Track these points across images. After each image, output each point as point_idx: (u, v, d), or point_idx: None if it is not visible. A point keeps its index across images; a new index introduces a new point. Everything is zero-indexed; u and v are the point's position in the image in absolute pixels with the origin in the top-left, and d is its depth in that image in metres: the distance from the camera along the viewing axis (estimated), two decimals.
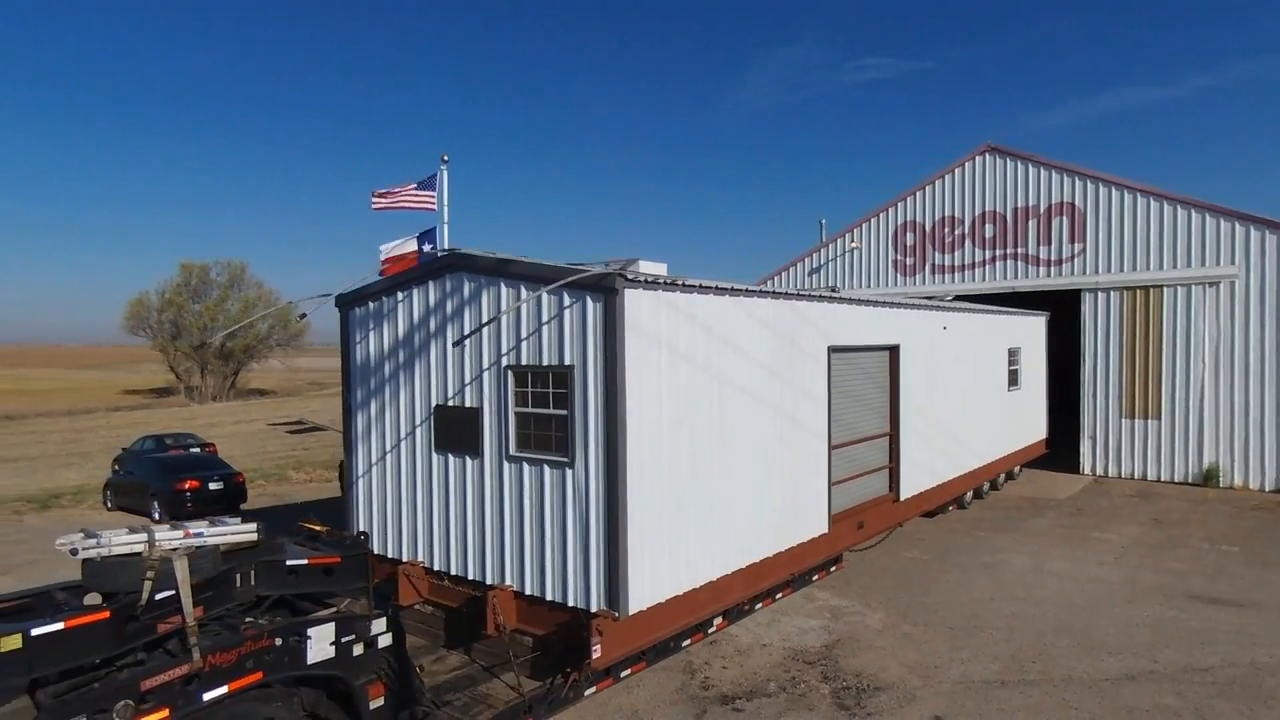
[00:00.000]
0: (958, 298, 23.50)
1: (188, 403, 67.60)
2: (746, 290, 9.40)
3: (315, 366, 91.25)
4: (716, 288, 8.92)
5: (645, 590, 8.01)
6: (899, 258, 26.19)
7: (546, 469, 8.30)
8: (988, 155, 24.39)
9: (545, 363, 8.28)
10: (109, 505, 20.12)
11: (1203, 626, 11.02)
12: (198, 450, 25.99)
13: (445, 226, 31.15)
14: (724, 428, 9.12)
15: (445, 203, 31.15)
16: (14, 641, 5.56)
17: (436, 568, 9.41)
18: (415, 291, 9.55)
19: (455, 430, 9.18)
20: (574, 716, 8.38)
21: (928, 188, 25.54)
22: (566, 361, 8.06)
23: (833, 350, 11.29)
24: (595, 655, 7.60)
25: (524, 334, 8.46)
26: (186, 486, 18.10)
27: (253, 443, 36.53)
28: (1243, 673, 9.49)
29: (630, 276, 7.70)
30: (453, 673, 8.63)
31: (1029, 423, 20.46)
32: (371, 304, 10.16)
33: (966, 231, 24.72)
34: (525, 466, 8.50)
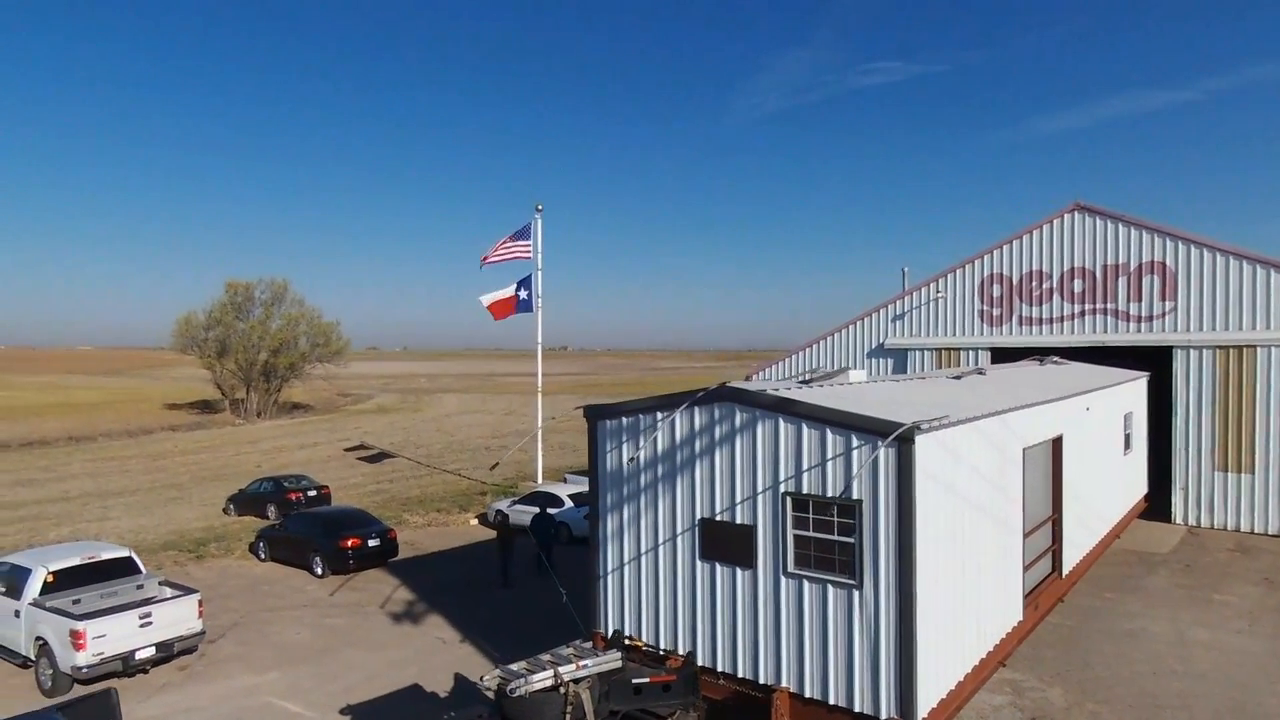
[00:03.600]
0: (1040, 350, 24.57)
1: (237, 420, 68.88)
2: (982, 415, 10.49)
3: (338, 373, 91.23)
4: (962, 420, 10.00)
5: (930, 694, 9.12)
6: (985, 308, 27.23)
7: (830, 588, 9.40)
8: (1076, 214, 25.44)
9: (829, 494, 9.37)
10: (262, 556, 21.24)
11: None
12: (314, 492, 27.13)
13: (539, 274, 32.22)
14: (967, 540, 10.21)
15: (539, 249, 32.28)
16: None
17: (701, 663, 10.48)
18: (679, 414, 10.62)
19: (723, 542, 10.27)
20: None
21: (1015, 242, 26.59)
22: (855, 496, 9.15)
23: (1026, 449, 12.38)
24: None
25: (805, 465, 9.55)
26: (349, 544, 19.22)
27: (331, 472, 37.67)
28: None
29: (924, 425, 8.78)
30: None
31: (1138, 482, 21.52)
32: (625, 419, 11.24)
33: (1055, 285, 25.76)
34: (806, 584, 9.60)
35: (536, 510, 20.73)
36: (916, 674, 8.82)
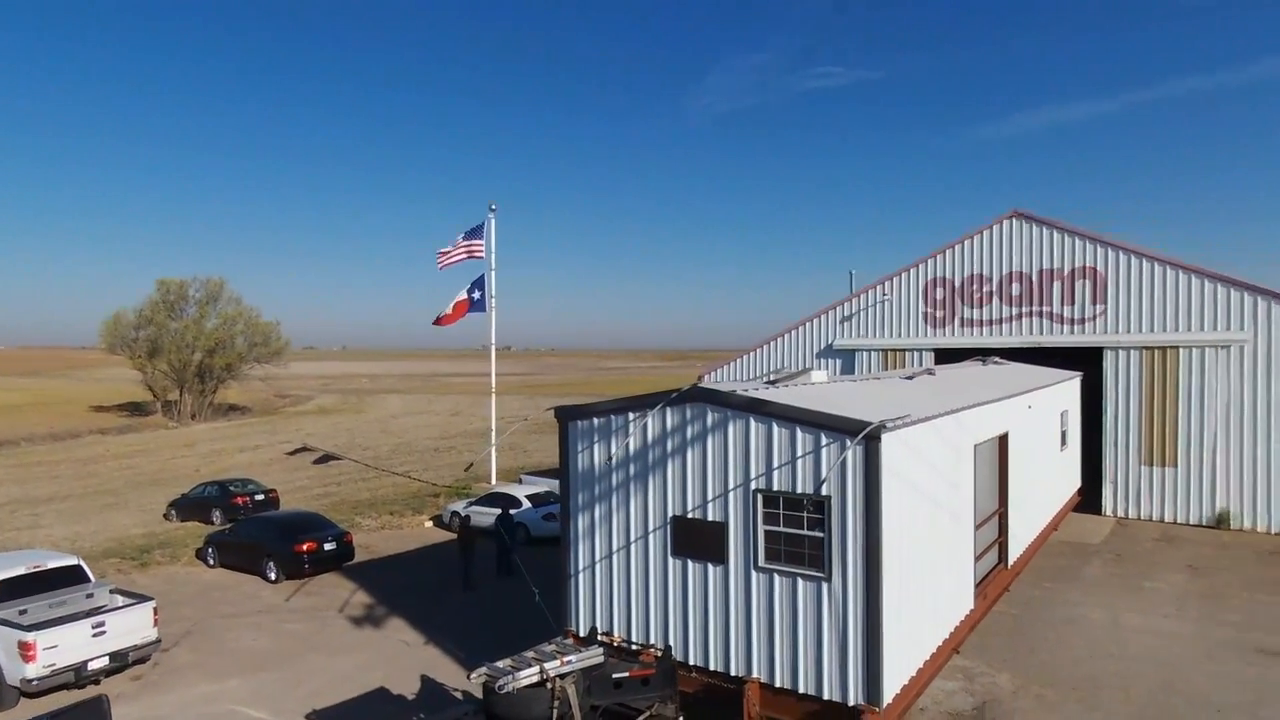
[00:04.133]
0: (981, 351, 25.60)
1: (171, 423, 66.51)
2: (939, 414, 11.00)
3: (276, 374, 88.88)
4: (922, 419, 10.49)
5: (894, 681, 9.55)
6: (929, 310, 28.22)
7: (800, 581, 9.76)
8: (1014, 220, 26.58)
9: (799, 490, 9.73)
10: (211, 562, 20.69)
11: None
12: (262, 496, 26.53)
13: (493, 274, 32.08)
14: (926, 534, 10.71)
15: (493, 249, 32.14)
16: None
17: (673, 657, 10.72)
18: (651, 414, 10.86)
19: (695, 539, 10.55)
20: None
21: (957, 246, 27.62)
22: (824, 492, 9.52)
23: (976, 445, 12.99)
24: None
25: (776, 463, 9.89)
26: (305, 549, 18.90)
27: (275, 476, 36.79)
28: None
29: (889, 424, 9.20)
30: None
31: (1073, 476, 22.62)
32: (597, 419, 11.43)
33: (994, 289, 26.86)
34: (776, 577, 9.94)
35: (497, 511, 20.72)
36: (882, 662, 9.23)
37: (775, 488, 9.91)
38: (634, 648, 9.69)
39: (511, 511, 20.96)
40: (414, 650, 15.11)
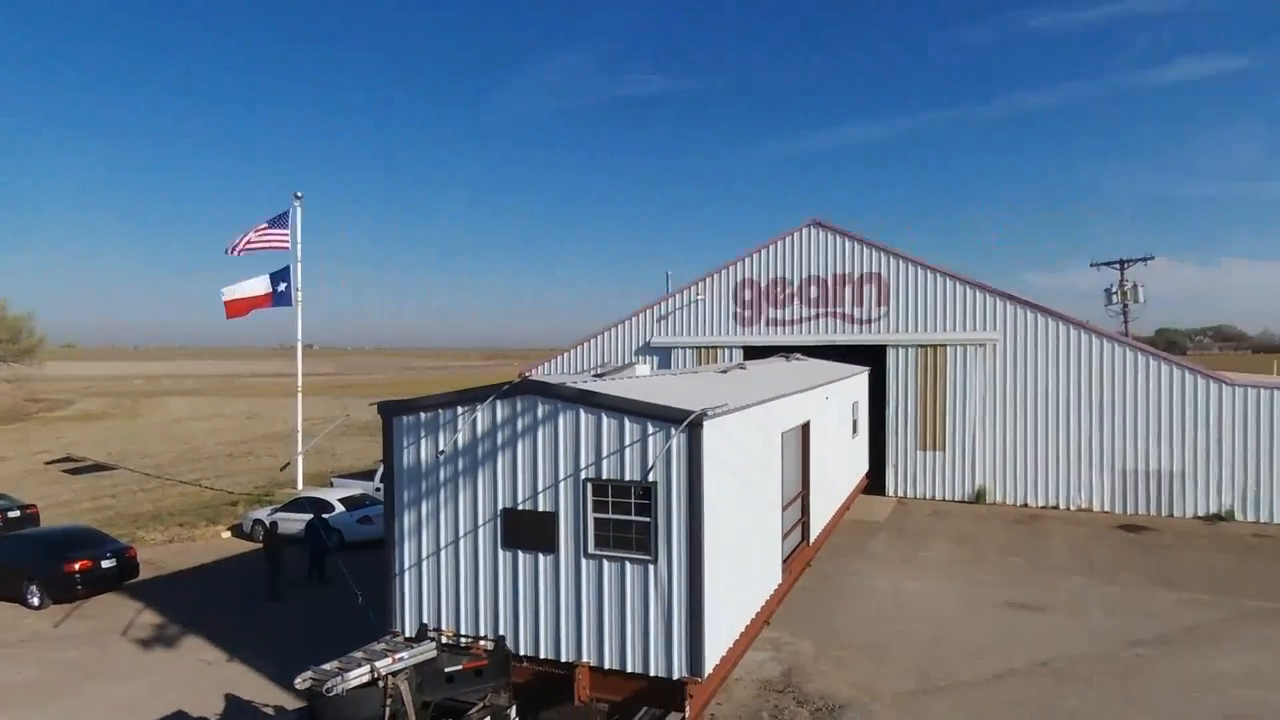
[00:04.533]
0: (785, 348, 27.71)
1: None
2: (752, 404, 11.87)
3: (29, 375, 77.56)
4: (739, 408, 11.28)
5: (715, 653, 10.21)
6: (738, 310, 30.04)
7: (628, 565, 10.17)
8: (812, 229, 28.95)
9: (627, 478, 10.14)
10: None
11: (1027, 629, 15.27)
12: (17, 513, 23.25)
13: (299, 265, 30.38)
14: (742, 515, 11.52)
15: (299, 240, 30.40)
16: None
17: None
18: (480, 408, 10.84)
19: (526, 530, 10.67)
20: None
21: (763, 251, 29.63)
22: (650, 479, 10.00)
23: (783, 433, 14.11)
24: (688, 712, 9.66)
25: (605, 452, 10.24)
26: (77, 568, 16.80)
27: (31, 490, 32.25)
28: (1067, 664, 13.65)
29: (710, 413, 9.83)
30: None
31: (862, 461, 25.01)
32: (424, 414, 11.22)
33: (795, 291, 29.11)
34: (605, 563, 10.29)
35: (308, 517, 19.56)
36: (704, 636, 9.86)
37: (604, 476, 10.26)
38: (465, 642, 9.63)
39: (325, 515, 19.87)
40: (216, 669, 13.98)
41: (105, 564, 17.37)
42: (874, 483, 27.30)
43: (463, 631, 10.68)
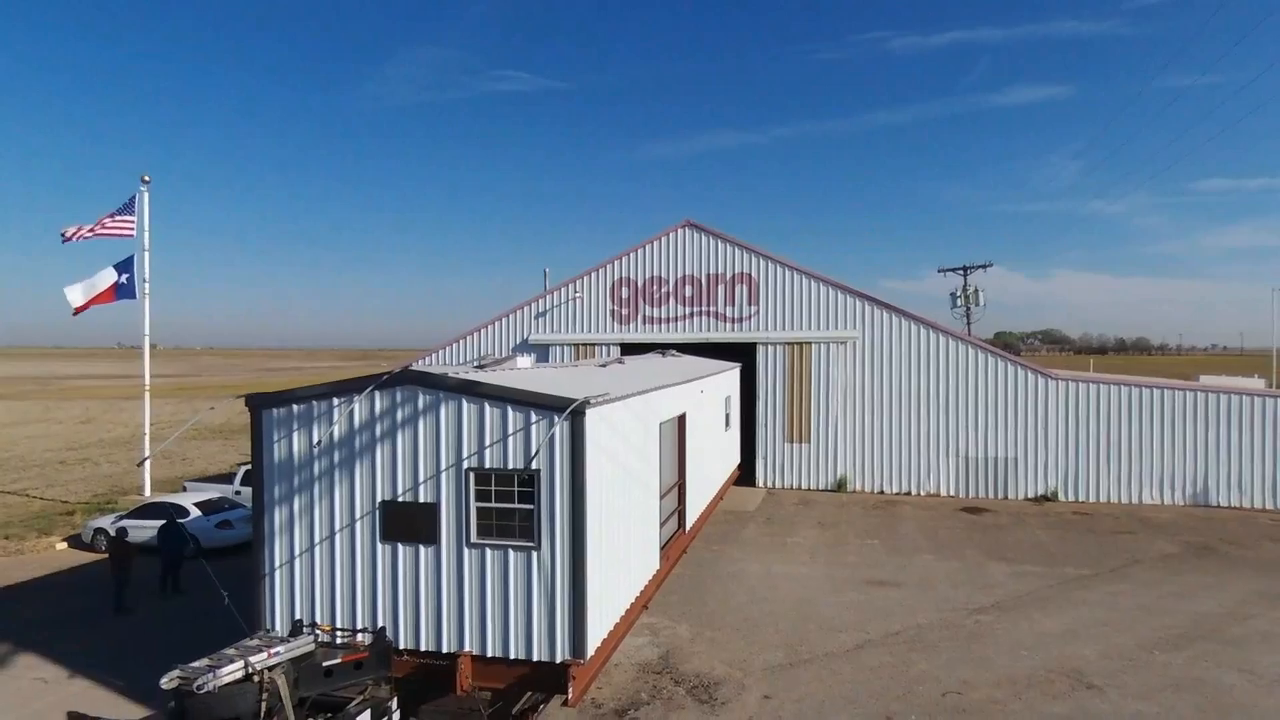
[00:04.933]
0: (661, 345, 28.43)
1: None
2: (632, 394, 12.22)
3: None
4: (620, 397, 11.61)
5: (597, 636, 10.47)
6: (615, 308, 30.50)
7: (511, 552, 10.26)
8: (687, 229, 29.82)
9: (511, 466, 10.24)
10: None
11: (883, 604, 16.47)
12: None
13: (147, 254, 28.58)
14: (622, 498, 11.84)
15: (146, 227, 28.62)
16: None
17: None
18: (358, 399, 10.62)
19: (406, 522, 10.55)
20: None
21: (639, 250, 30.23)
22: (534, 466, 10.14)
23: (661, 424, 14.57)
24: (570, 693, 9.88)
25: (488, 441, 10.29)
26: None
27: None
28: (917, 632, 14.85)
29: (592, 401, 10.09)
30: None
31: (735, 454, 26.00)
32: (297, 406, 10.85)
33: (671, 290, 29.89)
34: (488, 551, 10.34)
35: (161, 523, 18.27)
36: (586, 619, 10.10)
37: (488, 465, 10.31)
38: (342, 637, 9.41)
39: (180, 520, 18.63)
40: (55, 686, 12.88)
41: None
42: (745, 474, 28.44)
43: (340, 626, 10.43)
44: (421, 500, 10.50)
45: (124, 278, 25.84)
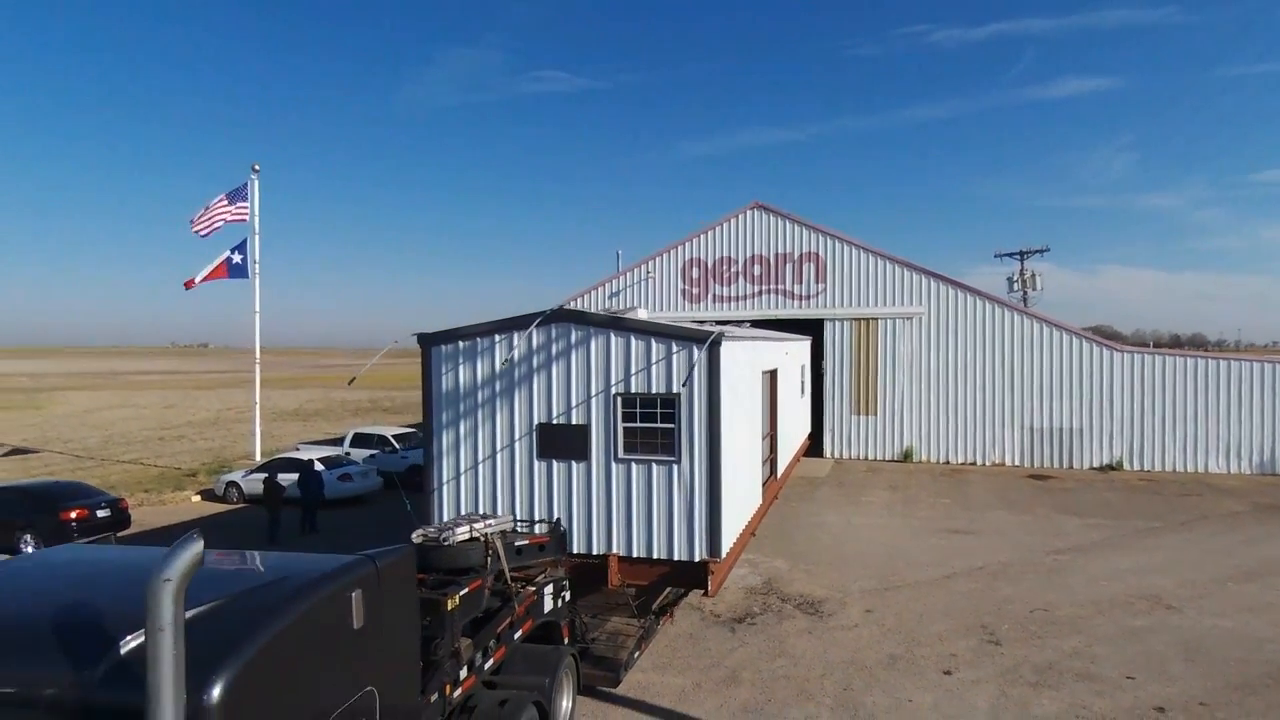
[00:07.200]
0: (732, 321, 29.78)
1: None
2: (746, 337, 13.67)
3: None
4: (741, 337, 13.06)
5: (727, 541, 11.94)
6: (686, 287, 31.96)
7: (654, 466, 11.78)
8: (756, 211, 31.15)
9: (654, 390, 11.75)
10: None
11: (963, 546, 17.67)
12: None
13: (257, 238, 30.85)
14: (740, 427, 13.30)
15: (256, 213, 30.91)
16: (454, 601, 7.89)
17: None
18: (516, 335, 12.22)
19: (560, 441, 12.13)
20: (657, 641, 11.94)
21: (710, 232, 31.64)
22: (675, 390, 11.64)
23: (763, 372, 16.00)
24: (710, 586, 11.36)
25: (634, 370, 11.82)
26: (74, 516, 17.06)
27: None
28: (999, 568, 16.04)
29: (726, 335, 11.55)
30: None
31: (806, 421, 27.29)
32: (462, 342, 12.50)
33: (740, 269, 31.24)
34: (633, 465, 11.87)
35: (293, 476, 20.24)
36: (721, 523, 11.57)
37: (632, 390, 11.83)
38: (521, 527, 10.92)
39: (319, 469, 20.60)
40: None
41: (100, 513, 17.65)
42: (813, 445, 29.67)
43: (521, 518, 12.00)
44: (574, 422, 12.06)
45: (238, 257, 28.01)
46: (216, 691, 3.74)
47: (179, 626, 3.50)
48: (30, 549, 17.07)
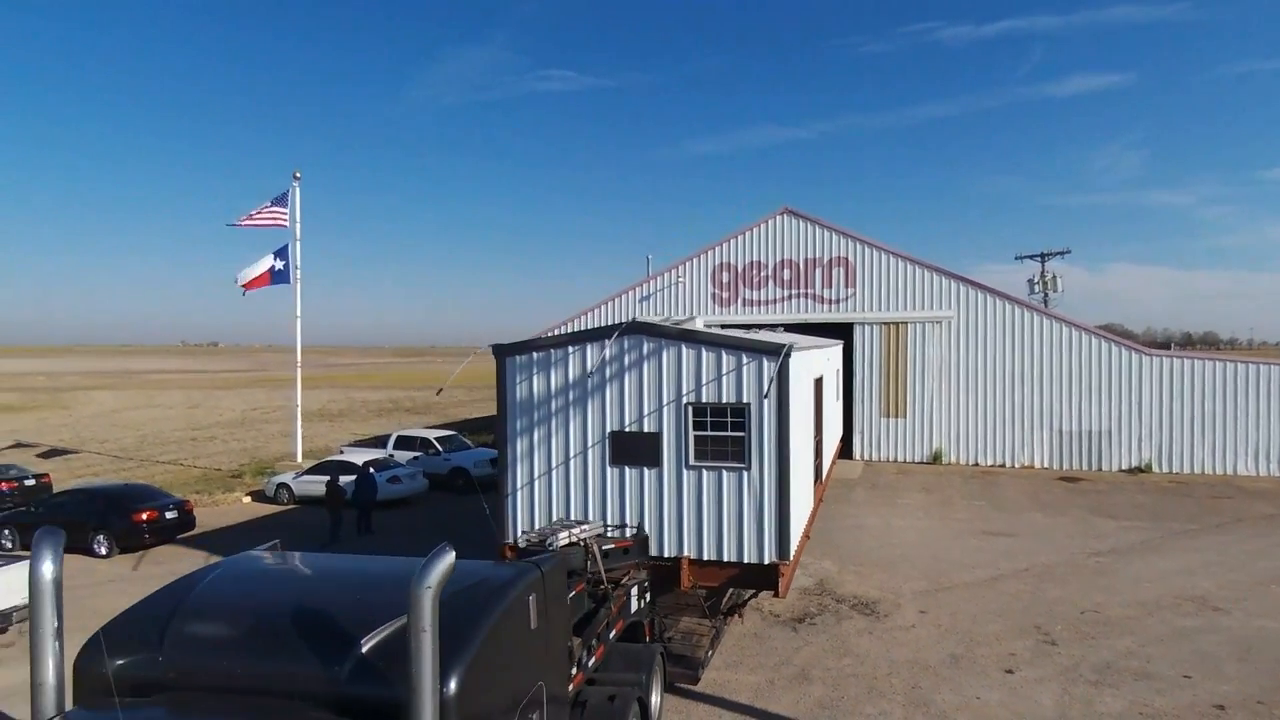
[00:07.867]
0: (763, 326, 30.24)
1: None
2: (807, 348, 14.16)
3: None
4: (804, 348, 13.54)
5: (792, 544, 12.44)
6: (716, 291, 32.44)
7: (725, 473, 12.28)
8: (785, 216, 31.61)
9: (724, 400, 12.25)
10: (8, 545, 18.36)
11: (1005, 548, 18.13)
12: (32, 481, 23.53)
13: (298, 244, 31.55)
14: (800, 435, 13.79)
15: (298, 218, 31.59)
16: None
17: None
18: (589, 346, 12.74)
19: (633, 449, 12.64)
20: (725, 640, 12.46)
21: (739, 237, 32.12)
22: (745, 400, 12.14)
23: (815, 380, 16.49)
24: (780, 587, 11.86)
25: (704, 380, 12.32)
26: (145, 518, 17.68)
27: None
28: (1044, 570, 16.50)
29: (795, 348, 12.04)
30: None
31: (840, 424, 27.74)
32: (536, 354, 13.03)
33: (770, 274, 31.71)
34: (704, 472, 12.37)
35: (349, 479, 20.84)
36: (790, 527, 12.07)
37: (703, 400, 12.34)
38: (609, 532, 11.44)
39: (371, 471, 21.19)
40: None
41: (169, 515, 18.27)
42: (843, 448, 30.11)
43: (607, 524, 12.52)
44: (646, 430, 12.57)
45: (280, 264, 28.63)
46: (454, 685, 4.26)
47: (436, 628, 4.01)
48: (104, 550, 17.71)
